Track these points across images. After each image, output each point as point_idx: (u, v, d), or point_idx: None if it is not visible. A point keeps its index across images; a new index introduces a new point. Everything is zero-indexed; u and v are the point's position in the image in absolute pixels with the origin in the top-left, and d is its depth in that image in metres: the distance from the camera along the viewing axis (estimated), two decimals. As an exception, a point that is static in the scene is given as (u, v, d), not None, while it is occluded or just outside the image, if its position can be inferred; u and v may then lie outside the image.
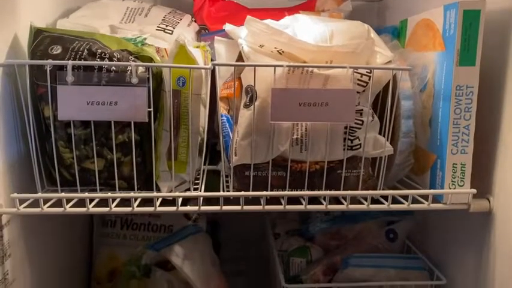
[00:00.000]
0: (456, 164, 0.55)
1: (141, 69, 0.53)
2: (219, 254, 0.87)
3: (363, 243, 0.71)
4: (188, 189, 0.58)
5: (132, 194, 0.53)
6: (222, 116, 0.60)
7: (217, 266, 0.78)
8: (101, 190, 0.56)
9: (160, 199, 0.56)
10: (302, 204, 0.56)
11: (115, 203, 0.54)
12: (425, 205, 0.56)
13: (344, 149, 0.56)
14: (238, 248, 0.97)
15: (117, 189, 0.57)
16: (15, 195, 0.51)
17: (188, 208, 0.54)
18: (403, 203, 0.56)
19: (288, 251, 0.74)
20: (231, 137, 0.57)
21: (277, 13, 0.76)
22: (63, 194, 0.52)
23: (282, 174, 0.56)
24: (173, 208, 0.54)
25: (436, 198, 0.57)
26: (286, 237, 0.81)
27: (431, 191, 0.56)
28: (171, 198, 0.57)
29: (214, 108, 0.62)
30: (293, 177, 0.56)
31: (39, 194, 0.52)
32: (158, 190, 0.57)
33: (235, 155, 0.55)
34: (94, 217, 0.89)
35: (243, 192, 0.54)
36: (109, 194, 0.53)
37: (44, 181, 0.57)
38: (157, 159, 0.58)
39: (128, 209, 0.53)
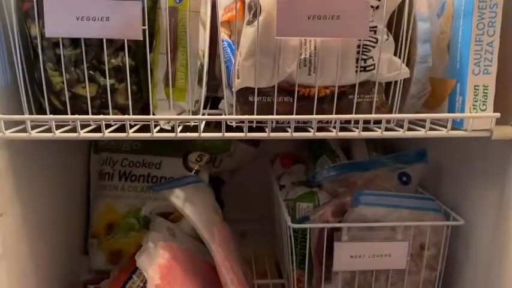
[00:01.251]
0: (478, 86, 0.51)
1: (134, -18, 0.49)
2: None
3: (374, 187, 0.67)
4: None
5: (126, 116, 0.49)
6: (223, 41, 0.55)
7: (220, 215, 0.74)
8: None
9: (158, 127, 0.52)
10: (310, 132, 0.51)
11: (109, 130, 0.50)
12: (443, 132, 0.52)
13: (356, 71, 0.51)
14: (241, 209, 0.93)
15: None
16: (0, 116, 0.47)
17: (188, 135, 0.50)
18: (419, 130, 0.52)
19: (295, 198, 0.70)
20: (233, 61, 0.53)
21: None
22: (51, 116, 0.48)
23: (289, 100, 0.52)
24: (171, 134, 0.50)
25: (456, 126, 0.53)
26: (292, 187, 0.77)
27: (451, 114, 0.52)
28: (169, 128, 0.53)
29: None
30: (301, 103, 0.52)
31: (26, 116, 0.48)
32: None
33: (238, 78, 0.51)
34: (91, 170, 0.85)
35: (246, 116, 0.50)
36: (101, 116, 0.49)
37: (33, 113, 0.53)
38: (154, 86, 0.54)
39: (122, 135, 0.49)
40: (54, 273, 0.69)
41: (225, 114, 0.53)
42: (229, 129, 0.52)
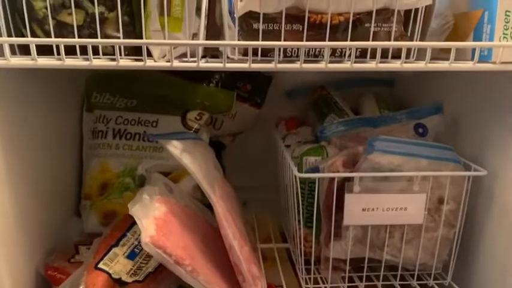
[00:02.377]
0: (509, 12, 0.46)
1: None
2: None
3: (388, 140, 0.62)
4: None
5: (116, 40, 0.44)
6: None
7: (221, 173, 0.69)
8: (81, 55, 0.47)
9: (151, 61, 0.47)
10: (322, 63, 0.46)
11: (97, 59, 0.45)
12: (469, 65, 0.47)
13: (374, -5, 0.46)
14: (243, 177, 0.88)
15: (100, 52, 0.48)
16: (-27, 38, 0.42)
17: (184, 65, 0.45)
18: (443, 63, 0.47)
19: (302, 152, 0.65)
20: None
21: None
22: (33, 39, 0.43)
23: (298, 28, 0.47)
24: (167, 64, 0.45)
25: (483, 59, 0.48)
26: (298, 145, 0.72)
27: (479, 43, 0.47)
28: (164, 62, 0.48)
29: None
30: (311, 32, 0.47)
31: (4, 38, 0.43)
32: (149, 55, 0.48)
33: (241, 0, 0.45)
34: (84, 129, 0.80)
35: (250, 42, 0.45)
36: (88, 40, 0.44)
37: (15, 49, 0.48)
38: (148, 16, 0.48)
39: (111, 63, 0.44)
40: (44, 236, 0.64)
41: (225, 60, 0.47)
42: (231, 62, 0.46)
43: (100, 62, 0.44)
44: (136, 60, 0.47)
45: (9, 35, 0.46)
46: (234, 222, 0.57)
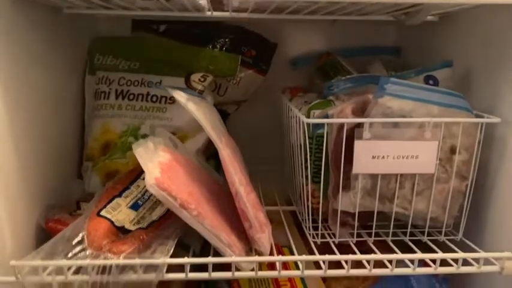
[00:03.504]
0: None
1: None
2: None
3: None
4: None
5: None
6: None
7: (226, 130, 0.68)
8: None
9: None
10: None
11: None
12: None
13: None
14: (247, 149, 0.87)
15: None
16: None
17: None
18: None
19: (310, 106, 0.64)
20: None
21: None
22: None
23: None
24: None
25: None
26: (305, 105, 0.70)
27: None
28: None
29: None
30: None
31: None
32: None
33: None
34: (86, 93, 0.79)
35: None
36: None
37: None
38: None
39: None
40: (45, 193, 0.63)
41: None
42: None
43: None
44: None
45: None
46: (240, 170, 0.55)
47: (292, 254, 0.67)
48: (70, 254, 0.48)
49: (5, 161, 0.53)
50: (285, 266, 0.64)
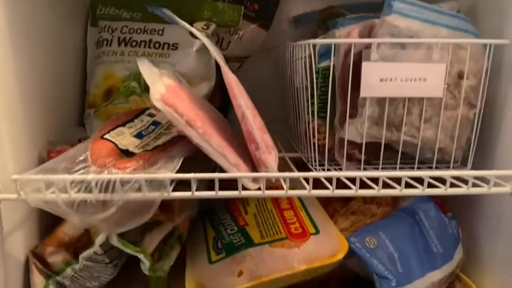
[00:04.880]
0: None
1: None
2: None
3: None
4: None
5: None
6: None
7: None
8: None
9: None
10: None
11: None
12: None
13: None
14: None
15: None
16: None
17: None
18: None
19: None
20: None
21: None
22: None
23: None
24: None
25: None
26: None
27: None
28: None
29: None
30: None
31: None
32: None
33: None
34: (88, 44, 0.78)
35: None
36: None
37: None
38: None
39: None
40: (48, 138, 0.62)
41: None
42: None
43: None
44: None
45: None
46: (247, 97, 0.55)
47: (298, 197, 0.66)
48: (73, 170, 0.47)
49: (11, 100, 0.54)
50: (294, 206, 0.64)
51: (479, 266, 0.62)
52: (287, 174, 0.50)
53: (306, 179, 0.51)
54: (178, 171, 0.49)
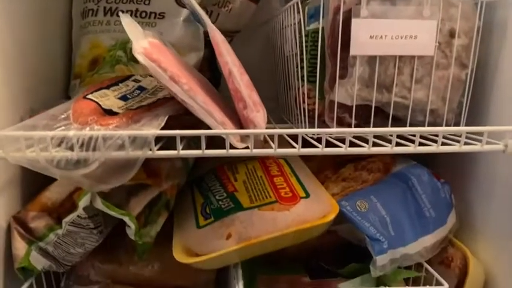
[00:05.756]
0: None
1: None
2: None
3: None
4: None
5: None
6: None
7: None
8: None
9: None
10: None
11: None
12: None
13: None
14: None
15: None
16: None
17: None
18: None
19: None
20: None
21: None
22: None
23: None
24: None
25: None
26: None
27: None
28: None
29: None
30: None
31: None
32: None
33: None
34: (73, 13, 0.76)
35: None
36: None
37: None
38: None
39: None
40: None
41: None
42: None
43: None
44: None
45: None
46: (233, 54, 0.53)
47: (288, 164, 0.65)
48: (54, 127, 0.46)
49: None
50: (278, 164, 0.63)
51: (473, 231, 0.62)
52: (275, 130, 0.48)
53: (295, 139, 0.50)
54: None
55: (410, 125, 0.57)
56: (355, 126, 0.58)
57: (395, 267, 0.55)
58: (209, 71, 0.81)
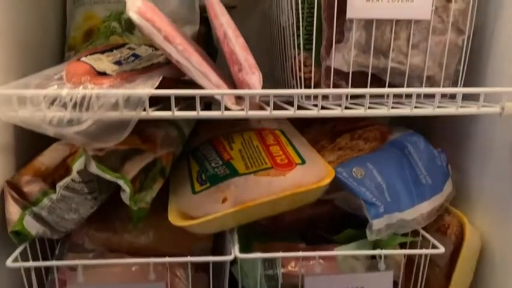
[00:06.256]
0: None
1: None
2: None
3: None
4: None
5: None
6: None
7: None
8: None
9: None
10: None
11: None
12: None
13: None
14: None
15: None
16: None
17: None
18: None
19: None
20: None
21: None
22: None
23: None
24: None
25: None
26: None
27: None
28: None
29: None
30: None
31: None
32: None
33: None
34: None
35: None
36: None
37: None
38: None
39: None
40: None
41: None
42: None
43: None
44: None
45: None
46: (227, 15, 0.53)
47: (284, 135, 0.65)
48: (47, 86, 0.45)
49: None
50: (274, 134, 0.63)
51: (468, 200, 0.61)
52: (271, 91, 0.48)
53: (291, 103, 0.49)
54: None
55: (406, 95, 0.57)
56: (351, 96, 0.57)
57: (391, 233, 0.55)
58: (205, 48, 0.81)
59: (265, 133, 0.64)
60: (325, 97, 0.59)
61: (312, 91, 0.49)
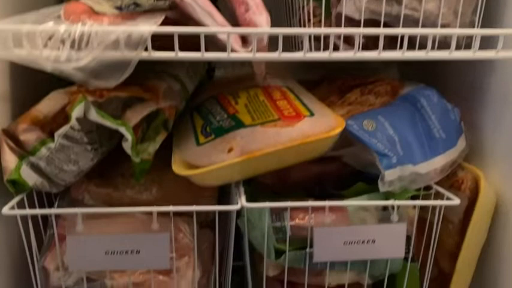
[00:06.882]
0: None
1: None
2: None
3: None
4: None
5: None
6: None
7: None
8: None
9: None
10: None
11: None
12: None
13: None
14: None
15: None
16: None
17: None
18: None
19: None
20: None
21: None
22: None
23: None
24: None
25: None
26: None
27: None
28: None
29: None
30: None
31: None
32: None
33: None
34: None
35: None
36: None
37: None
38: None
39: None
40: None
41: None
42: None
43: None
44: None
45: None
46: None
47: (291, 91, 0.62)
48: (44, 22, 0.43)
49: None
50: (281, 90, 0.60)
51: (482, 157, 0.59)
52: (280, 29, 0.45)
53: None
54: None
55: (420, 46, 0.55)
56: (363, 45, 0.54)
57: (404, 186, 0.53)
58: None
59: (271, 89, 0.61)
60: (335, 48, 0.57)
61: (323, 30, 0.47)
